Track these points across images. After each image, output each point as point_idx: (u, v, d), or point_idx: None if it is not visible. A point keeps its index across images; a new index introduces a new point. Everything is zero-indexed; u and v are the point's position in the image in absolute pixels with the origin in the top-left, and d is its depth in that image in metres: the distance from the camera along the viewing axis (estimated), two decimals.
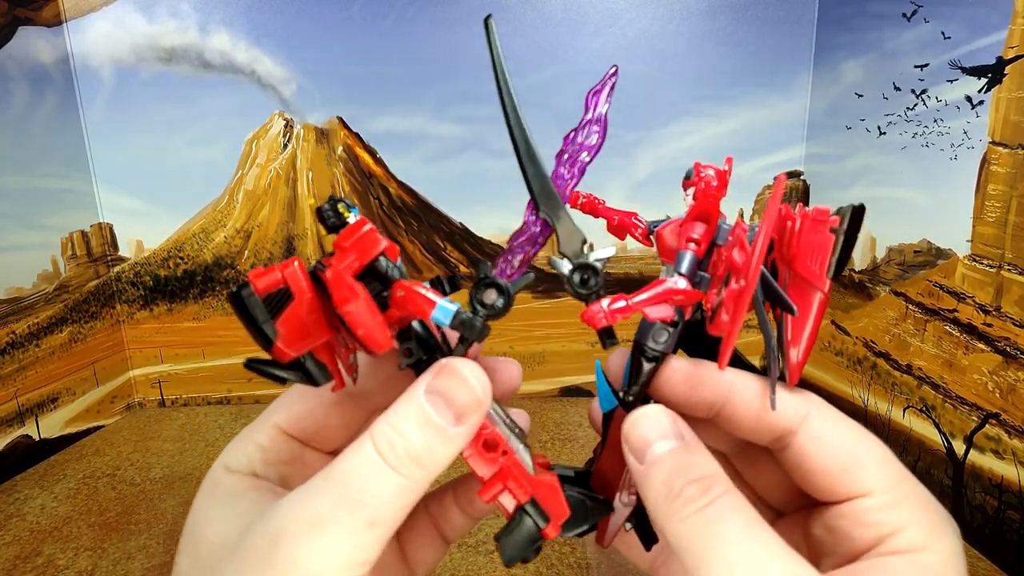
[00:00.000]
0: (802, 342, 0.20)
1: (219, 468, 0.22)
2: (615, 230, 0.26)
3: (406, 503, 0.19)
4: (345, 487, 0.18)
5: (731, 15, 0.65)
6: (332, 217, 0.20)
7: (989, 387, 0.43)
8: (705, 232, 0.21)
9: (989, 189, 0.44)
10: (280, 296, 0.19)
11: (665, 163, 0.70)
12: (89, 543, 0.49)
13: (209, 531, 0.20)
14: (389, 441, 0.19)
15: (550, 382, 0.76)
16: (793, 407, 0.20)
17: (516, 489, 0.20)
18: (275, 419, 0.23)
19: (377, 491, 0.18)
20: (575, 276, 0.21)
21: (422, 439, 0.19)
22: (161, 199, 0.73)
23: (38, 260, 0.65)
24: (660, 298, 0.20)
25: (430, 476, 0.19)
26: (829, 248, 0.19)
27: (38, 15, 0.65)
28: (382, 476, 0.18)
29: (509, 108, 0.21)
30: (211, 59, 0.69)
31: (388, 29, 0.67)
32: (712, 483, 0.18)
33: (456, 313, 0.19)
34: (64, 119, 0.68)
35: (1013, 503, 0.42)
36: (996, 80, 0.43)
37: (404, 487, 0.18)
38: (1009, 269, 0.42)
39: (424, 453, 0.19)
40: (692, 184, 0.22)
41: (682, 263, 0.21)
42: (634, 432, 0.20)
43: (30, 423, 0.62)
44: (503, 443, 0.21)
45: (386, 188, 0.73)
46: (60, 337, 0.67)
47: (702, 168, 0.22)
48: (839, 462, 0.19)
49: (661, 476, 0.19)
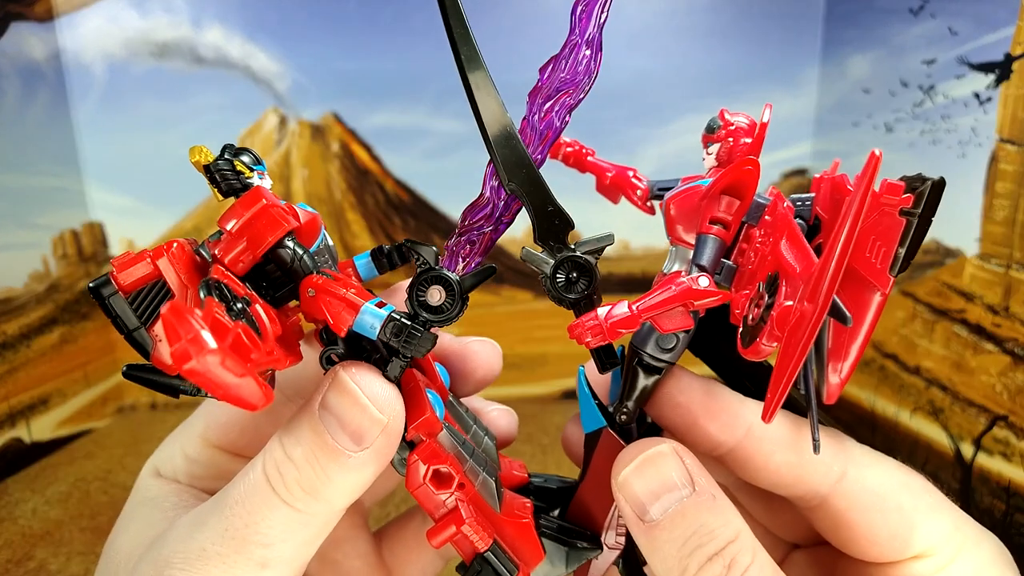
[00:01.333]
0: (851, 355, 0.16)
1: (148, 471, 0.21)
2: (606, 189, 0.20)
3: (304, 540, 0.15)
4: (232, 519, 0.15)
5: (736, 10, 0.64)
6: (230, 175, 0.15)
7: (997, 389, 0.43)
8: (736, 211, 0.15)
9: (997, 187, 0.43)
10: (155, 292, 0.14)
11: (669, 160, 0.69)
12: (81, 547, 0.48)
13: (121, 540, 0.19)
14: (280, 471, 0.15)
15: (551, 384, 0.75)
16: (826, 466, 0.17)
17: (473, 534, 0.16)
18: (199, 430, 0.20)
19: (266, 527, 0.15)
20: (558, 275, 0.15)
21: (316, 467, 0.15)
22: (153, 197, 0.72)
23: (29, 260, 0.64)
24: (674, 301, 0.15)
25: (333, 508, 0.15)
26: (897, 236, 0.14)
27: (30, 11, 0.63)
28: (274, 511, 0.15)
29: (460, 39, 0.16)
30: (204, 54, 0.67)
31: (384, 24, 0.66)
32: (736, 553, 0.15)
33: (387, 320, 0.14)
34: (55, 116, 0.67)
35: (1021, 506, 0.41)
36: (1004, 76, 0.42)
37: (300, 522, 0.15)
38: (1018, 269, 0.41)
39: (320, 483, 0.15)
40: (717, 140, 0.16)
41: (703, 251, 0.15)
42: (633, 484, 0.16)
43: (21, 425, 0.62)
44: (458, 475, 0.16)
45: (382, 185, 0.72)
46: (51, 338, 0.66)
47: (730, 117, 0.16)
48: (887, 529, 0.16)
49: (672, 548, 0.15)
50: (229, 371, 0.11)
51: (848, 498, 0.17)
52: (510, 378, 0.75)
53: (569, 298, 0.16)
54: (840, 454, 0.17)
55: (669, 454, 0.16)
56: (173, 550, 0.16)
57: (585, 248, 0.15)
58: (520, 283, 0.74)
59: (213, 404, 0.21)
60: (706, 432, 0.17)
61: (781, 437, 0.17)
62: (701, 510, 0.15)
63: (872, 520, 0.17)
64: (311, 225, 0.16)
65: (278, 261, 0.15)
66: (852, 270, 0.15)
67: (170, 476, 0.21)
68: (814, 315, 0.12)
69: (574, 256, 0.15)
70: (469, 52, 0.17)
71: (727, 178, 0.15)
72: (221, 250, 0.15)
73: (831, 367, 0.17)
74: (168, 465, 0.21)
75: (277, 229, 0.14)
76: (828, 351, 0.17)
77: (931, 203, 0.15)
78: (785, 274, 0.14)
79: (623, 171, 0.20)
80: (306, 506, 0.15)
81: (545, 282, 0.15)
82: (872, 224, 0.15)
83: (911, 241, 0.14)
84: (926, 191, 0.15)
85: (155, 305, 0.14)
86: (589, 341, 0.15)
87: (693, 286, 0.15)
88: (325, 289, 0.15)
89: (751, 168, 0.15)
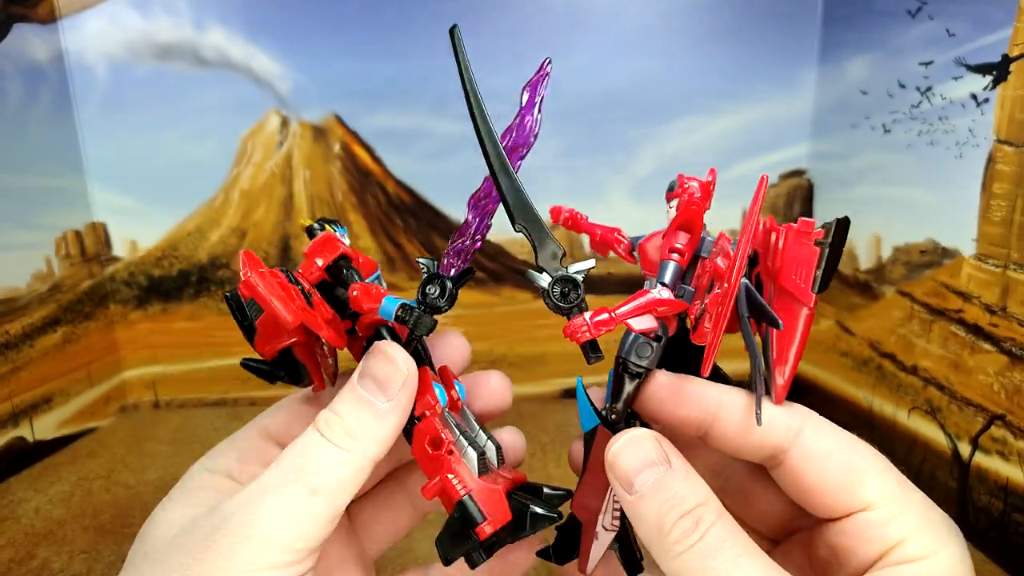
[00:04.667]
0: (789, 359, 0.20)
1: (198, 467, 0.23)
2: (597, 246, 0.26)
3: (347, 476, 0.20)
4: (290, 462, 0.20)
5: (736, 11, 0.65)
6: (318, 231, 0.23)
7: (995, 388, 0.43)
8: (688, 242, 0.21)
9: (995, 188, 0.43)
10: None
11: (668, 160, 0.69)
12: (84, 546, 0.48)
13: (162, 516, 0.21)
14: (327, 421, 0.20)
15: (551, 384, 0.75)
16: (784, 423, 0.20)
17: (455, 484, 0.21)
18: (262, 424, 0.24)
19: (317, 462, 0.19)
20: (555, 289, 0.20)
21: (355, 415, 0.20)
22: (155, 198, 0.72)
23: (32, 260, 0.64)
24: (643, 309, 0.19)
25: (368, 450, 0.20)
26: (814, 261, 0.19)
27: (32, 12, 0.64)
28: (322, 450, 0.20)
29: (479, 120, 0.22)
30: (206, 56, 0.68)
31: (386, 25, 0.67)
32: (703, 513, 0.18)
33: (400, 305, 0.20)
34: (58, 117, 0.67)
35: (1019, 505, 0.42)
36: (1001, 78, 0.42)
37: (343, 459, 0.20)
38: (1015, 269, 0.41)
39: (358, 427, 0.20)
40: (676, 196, 0.22)
41: (665, 273, 0.20)
42: (619, 460, 0.20)
43: (24, 425, 0.62)
44: (448, 444, 0.21)
45: (383, 186, 0.72)
46: (54, 338, 0.66)
47: (686, 180, 0.22)
48: (836, 477, 0.19)
49: (652, 511, 0.18)
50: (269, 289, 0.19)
51: (803, 450, 0.20)
52: (510, 377, 0.75)
53: (563, 307, 0.20)
54: (797, 415, 0.20)
55: (647, 437, 0.20)
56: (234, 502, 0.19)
57: (574, 269, 0.21)
58: (520, 284, 0.74)
59: (277, 408, 0.25)
60: (687, 412, 0.21)
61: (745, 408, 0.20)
62: (676, 481, 0.19)
63: (824, 469, 0.19)
64: (368, 265, 0.23)
65: (335, 272, 0.22)
66: (783, 290, 0.19)
67: (222, 472, 0.23)
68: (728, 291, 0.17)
69: (566, 275, 0.20)
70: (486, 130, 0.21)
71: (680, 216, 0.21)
72: (301, 267, 0.22)
73: (777, 371, 0.20)
74: (219, 462, 0.23)
75: (336, 251, 0.22)
76: (773, 360, 0.20)
77: (838, 235, 0.19)
78: (718, 277, 0.18)
79: (608, 231, 0.25)
80: (347, 444, 0.20)
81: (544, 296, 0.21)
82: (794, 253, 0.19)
83: (826, 266, 0.19)
84: (832, 226, 0.19)
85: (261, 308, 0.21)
86: (579, 337, 0.19)
87: (657, 295, 0.20)
88: (363, 287, 0.21)
89: (696, 207, 0.20)
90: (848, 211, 0.62)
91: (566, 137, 0.68)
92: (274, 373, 0.22)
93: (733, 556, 0.17)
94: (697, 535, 0.17)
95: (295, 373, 0.22)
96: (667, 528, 0.18)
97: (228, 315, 0.23)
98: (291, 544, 0.18)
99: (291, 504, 0.19)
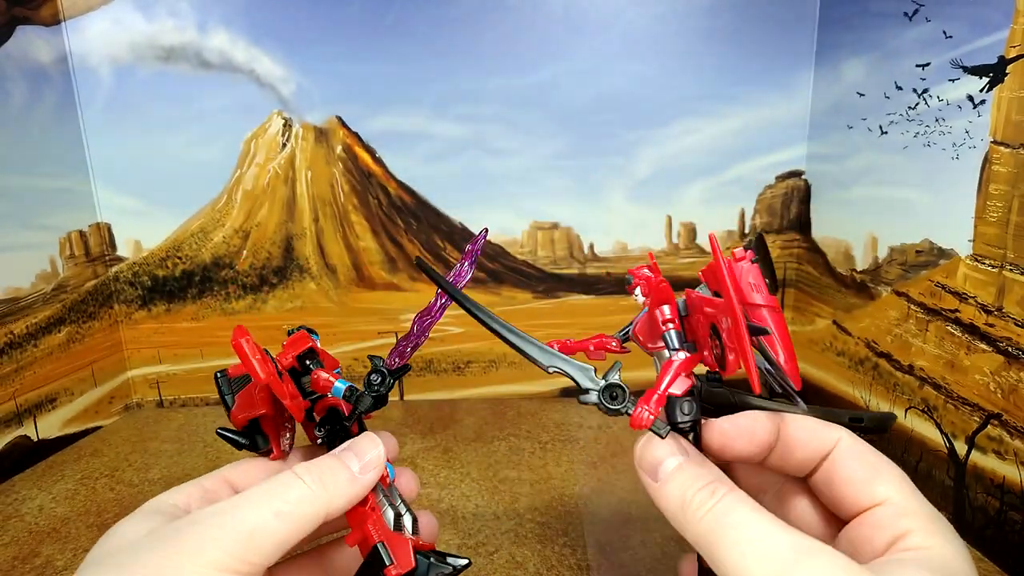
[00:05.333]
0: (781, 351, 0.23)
1: (159, 497, 0.25)
2: (593, 355, 0.30)
3: (309, 512, 0.22)
4: (262, 489, 0.23)
5: (733, 14, 0.65)
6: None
7: (991, 388, 0.43)
8: (672, 310, 0.25)
9: (991, 189, 0.43)
10: (243, 379, 0.27)
11: (666, 162, 0.70)
12: (88, 544, 0.49)
13: (123, 528, 0.23)
14: (305, 468, 0.24)
15: (550, 383, 0.76)
16: (832, 434, 0.24)
17: (373, 531, 0.25)
18: (224, 475, 0.28)
19: (287, 494, 0.22)
20: (605, 395, 0.24)
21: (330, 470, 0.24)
22: (159, 199, 0.73)
23: (36, 260, 0.65)
24: (675, 376, 0.23)
25: (332, 500, 0.23)
26: (760, 275, 0.24)
27: (36, 14, 0.64)
28: (293, 485, 0.23)
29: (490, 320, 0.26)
30: (209, 58, 0.68)
31: (388, 27, 0.67)
32: (717, 486, 0.21)
33: (349, 388, 0.26)
34: (62, 118, 0.68)
35: (1015, 504, 0.42)
36: (998, 79, 0.43)
37: (310, 497, 0.22)
38: (1011, 269, 0.42)
39: (330, 479, 0.23)
40: (635, 286, 0.26)
41: (672, 341, 0.24)
42: (646, 455, 0.24)
43: (28, 424, 0.62)
44: (373, 501, 0.26)
45: (385, 187, 0.72)
46: (58, 337, 0.67)
47: (636, 272, 0.26)
48: (862, 474, 0.22)
49: (675, 491, 0.22)
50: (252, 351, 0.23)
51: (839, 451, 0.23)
52: (510, 376, 0.76)
53: (616, 408, 0.24)
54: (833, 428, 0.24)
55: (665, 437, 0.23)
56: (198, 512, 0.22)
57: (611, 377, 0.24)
58: (520, 284, 0.75)
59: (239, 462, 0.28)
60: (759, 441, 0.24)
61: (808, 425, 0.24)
62: (693, 465, 0.22)
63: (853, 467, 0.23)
64: (331, 360, 0.29)
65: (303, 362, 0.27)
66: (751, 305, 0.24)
67: (182, 504, 0.25)
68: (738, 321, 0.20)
69: (608, 383, 0.24)
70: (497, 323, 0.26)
71: (655, 297, 0.25)
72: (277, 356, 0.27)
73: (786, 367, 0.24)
74: (182, 497, 0.26)
75: (305, 344, 0.28)
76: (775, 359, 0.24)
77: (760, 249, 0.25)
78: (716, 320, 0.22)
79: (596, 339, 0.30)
80: (317, 489, 0.23)
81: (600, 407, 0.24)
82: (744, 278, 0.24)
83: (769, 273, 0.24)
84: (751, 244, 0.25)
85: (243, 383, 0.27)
86: (645, 423, 0.23)
87: (678, 361, 0.24)
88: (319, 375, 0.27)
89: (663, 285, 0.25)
90: (845, 212, 0.63)
91: (565, 139, 0.69)
92: (239, 442, 0.27)
93: (745, 512, 0.20)
94: (714, 501, 0.21)
95: (255, 443, 0.27)
96: (688, 500, 0.21)
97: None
98: (248, 556, 0.20)
99: (258, 519, 0.21)
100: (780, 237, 0.72)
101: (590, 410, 0.71)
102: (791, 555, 0.18)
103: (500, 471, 0.58)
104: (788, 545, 0.19)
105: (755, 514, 0.20)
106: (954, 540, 0.21)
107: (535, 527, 0.49)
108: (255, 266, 0.74)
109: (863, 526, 0.22)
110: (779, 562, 0.18)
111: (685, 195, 0.70)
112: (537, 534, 0.48)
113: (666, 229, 0.72)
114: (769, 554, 0.18)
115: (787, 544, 0.19)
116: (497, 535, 0.48)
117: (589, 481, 0.56)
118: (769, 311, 0.23)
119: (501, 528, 0.49)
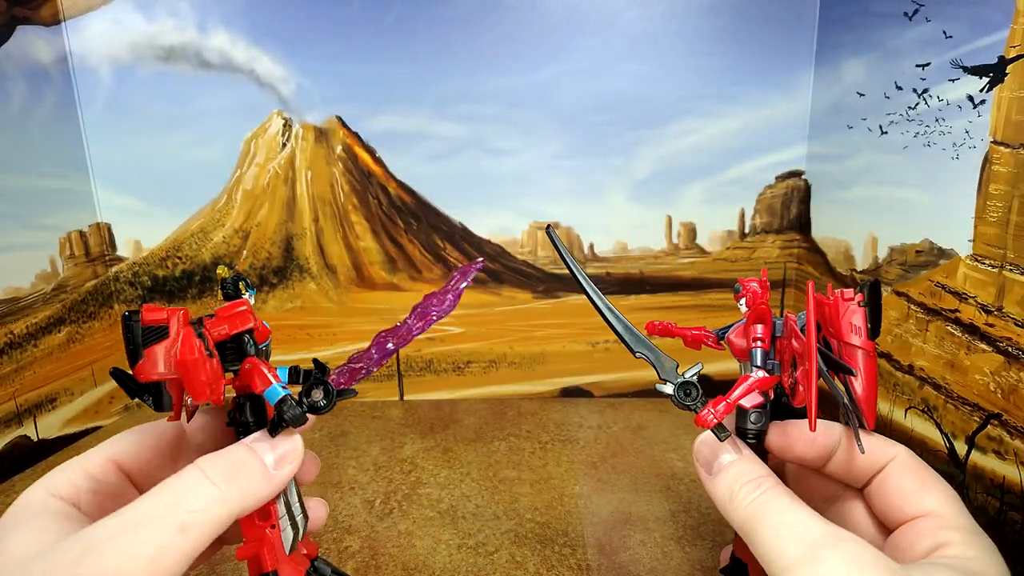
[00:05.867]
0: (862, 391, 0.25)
1: (38, 490, 0.23)
2: (690, 344, 0.31)
3: (218, 518, 0.20)
4: (164, 495, 0.20)
5: (733, 14, 0.65)
6: (230, 289, 0.25)
7: (991, 388, 0.43)
8: (764, 331, 0.26)
9: (991, 189, 0.43)
10: (157, 331, 0.23)
11: (666, 162, 0.70)
12: None
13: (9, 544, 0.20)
14: (213, 461, 0.21)
15: (550, 383, 0.76)
16: (892, 449, 0.25)
17: (267, 557, 0.24)
18: (110, 451, 0.25)
19: (194, 500, 0.20)
20: (680, 392, 0.25)
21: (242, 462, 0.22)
22: (159, 199, 0.73)
23: (36, 260, 0.65)
24: (748, 390, 0.25)
25: (243, 501, 0.21)
26: (863, 320, 0.25)
27: (36, 14, 0.64)
28: (199, 487, 0.20)
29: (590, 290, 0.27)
30: (209, 58, 0.68)
31: (387, 27, 0.67)
32: (763, 480, 0.23)
33: (284, 397, 0.23)
34: (62, 118, 0.68)
35: (1015, 504, 0.42)
36: (998, 79, 0.43)
37: (219, 499, 0.20)
38: (1011, 269, 0.42)
39: (243, 475, 0.21)
40: (742, 296, 0.28)
41: (756, 359, 0.26)
42: (703, 450, 0.26)
43: (28, 424, 0.62)
44: (275, 519, 0.24)
45: (385, 187, 0.72)
46: (58, 337, 0.67)
47: (746, 283, 0.28)
48: (913, 485, 0.24)
49: (726, 483, 0.24)
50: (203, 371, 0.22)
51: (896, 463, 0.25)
52: (510, 376, 0.76)
53: (689, 404, 0.25)
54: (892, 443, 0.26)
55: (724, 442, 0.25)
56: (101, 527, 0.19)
57: (690, 373, 0.26)
58: (520, 284, 0.75)
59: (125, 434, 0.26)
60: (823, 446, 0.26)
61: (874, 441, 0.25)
62: (744, 462, 0.24)
63: (907, 478, 0.24)
64: (264, 332, 0.26)
65: (239, 343, 0.25)
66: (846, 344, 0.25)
67: (68, 498, 0.23)
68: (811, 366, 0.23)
69: (686, 380, 0.26)
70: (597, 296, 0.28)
71: (753, 313, 0.27)
72: (211, 324, 0.24)
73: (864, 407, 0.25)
74: (66, 487, 0.23)
75: (247, 323, 0.24)
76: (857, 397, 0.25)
77: (873, 296, 0.25)
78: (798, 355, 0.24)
79: (697, 330, 0.31)
80: (227, 489, 0.21)
81: (672, 399, 0.26)
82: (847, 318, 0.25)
83: (872, 319, 0.25)
84: (867, 289, 0.25)
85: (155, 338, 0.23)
86: (709, 423, 0.24)
87: (756, 378, 0.25)
88: (257, 366, 0.24)
89: (763, 304, 0.26)
90: (845, 211, 0.63)
91: (565, 139, 0.69)
92: (138, 392, 0.24)
93: (785, 502, 0.22)
94: (759, 492, 0.23)
95: (159, 400, 0.24)
96: (736, 491, 0.23)
97: None
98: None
99: (162, 538, 0.19)
100: (780, 237, 0.72)
101: (590, 410, 0.71)
102: (821, 539, 0.20)
103: (500, 471, 0.58)
104: (819, 531, 0.20)
105: (794, 504, 0.22)
106: (993, 555, 0.22)
107: (535, 527, 0.49)
108: (255, 266, 0.74)
109: (907, 533, 0.23)
110: (809, 543, 0.20)
111: (685, 195, 0.70)
112: (537, 534, 0.48)
113: (666, 229, 0.72)
114: (802, 536, 0.20)
115: (819, 530, 0.20)
116: (497, 535, 0.48)
117: (589, 481, 0.56)
118: (863, 354, 0.25)
119: (501, 528, 0.49)
